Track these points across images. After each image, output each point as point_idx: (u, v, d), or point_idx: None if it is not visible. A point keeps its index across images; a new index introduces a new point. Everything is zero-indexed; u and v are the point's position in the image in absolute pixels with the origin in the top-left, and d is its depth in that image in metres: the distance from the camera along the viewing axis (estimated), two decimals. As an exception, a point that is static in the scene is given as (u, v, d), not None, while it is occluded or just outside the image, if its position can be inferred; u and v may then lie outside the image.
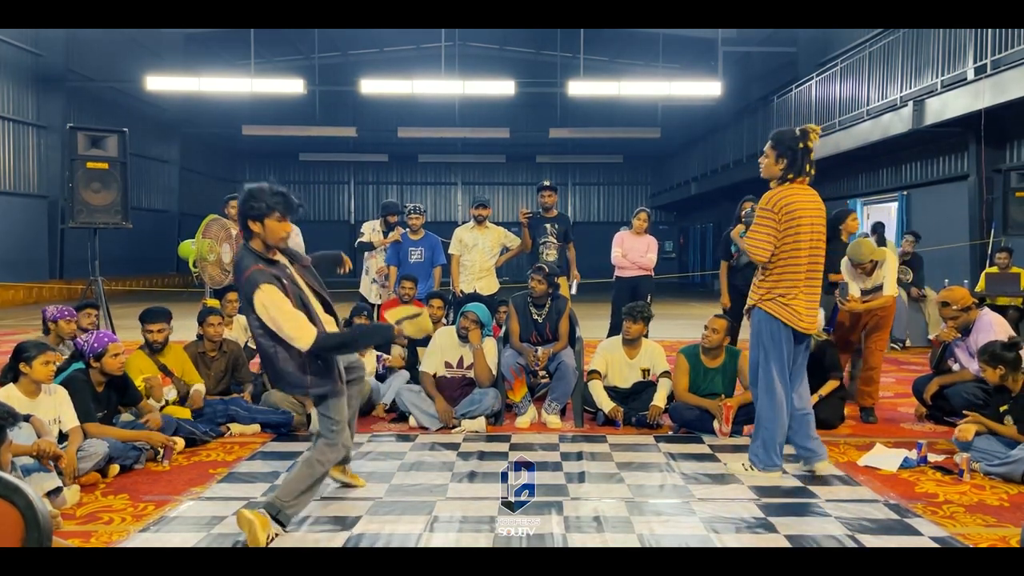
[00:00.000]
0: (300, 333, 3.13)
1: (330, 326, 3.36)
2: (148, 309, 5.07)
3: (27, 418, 3.65)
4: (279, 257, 3.31)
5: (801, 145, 3.82)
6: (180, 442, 4.48)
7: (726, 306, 6.31)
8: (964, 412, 4.36)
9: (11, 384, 3.88)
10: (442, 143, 26.96)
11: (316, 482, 3.33)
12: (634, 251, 7.19)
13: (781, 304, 3.85)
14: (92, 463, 3.85)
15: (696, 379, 5.07)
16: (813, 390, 4.57)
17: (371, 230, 7.45)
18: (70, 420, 3.95)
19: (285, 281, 3.19)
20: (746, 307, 4.08)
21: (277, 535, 3.17)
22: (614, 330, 7.11)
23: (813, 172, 3.89)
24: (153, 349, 4.99)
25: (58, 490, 3.54)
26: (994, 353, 4.27)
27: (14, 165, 17.03)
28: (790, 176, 3.86)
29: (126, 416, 4.51)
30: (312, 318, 3.20)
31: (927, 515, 3.48)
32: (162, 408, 4.74)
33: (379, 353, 5.87)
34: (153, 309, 5.06)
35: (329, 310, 3.43)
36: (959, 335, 5.12)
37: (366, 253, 7.43)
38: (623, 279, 7.25)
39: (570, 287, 6.87)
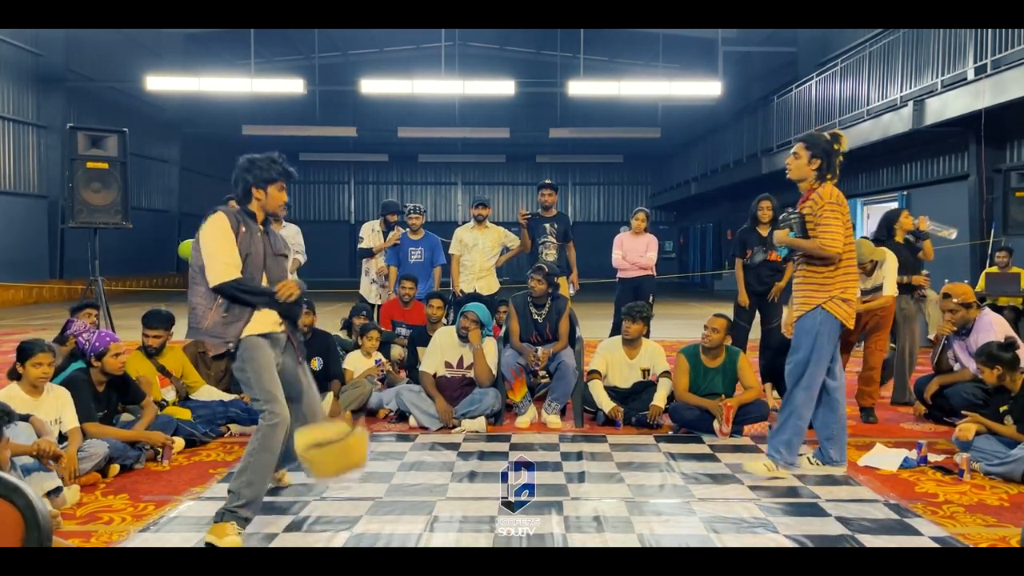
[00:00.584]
0: (217, 265, 3.07)
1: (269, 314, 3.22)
2: (151, 312, 5.05)
3: (27, 418, 3.65)
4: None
5: (836, 147, 3.94)
6: (180, 442, 4.48)
7: (745, 305, 6.28)
8: (963, 412, 4.36)
9: (15, 383, 3.89)
10: (442, 143, 26.97)
11: (265, 474, 3.16)
12: (633, 251, 7.19)
13: (840, 303, 3.92)
14: (92, 463, 3.85)
15: (696, 379, 5.06)
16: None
17: (371, 231, 7.44)
18: (71, 420, 3.95)
19: (244, 229, 3.16)
20: (800, 311, 4.00)
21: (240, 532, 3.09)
22: (616, 331, 7.11)
23: (837, 175, 4.00)
24: (149, 353, 4.99)
25: (58, 490, 3.54)
26: (991, 354, 4.26)
27: (14, 165, 17.04)
28: (828, 176, 3.95)
29: (126, 416, 4.51)
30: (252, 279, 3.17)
31: (927, 515, 3.48)
32: (163, 409, 4.74)
33: (379, 357, 5.86)
34: (156, 314, 5.03)
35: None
36: (955, 328, 5.12)
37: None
38: (625, 280, 7.25)
39: (569, 288, 6.86)
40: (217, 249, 3.12)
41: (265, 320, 3.21)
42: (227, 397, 5.19)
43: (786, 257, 4.29)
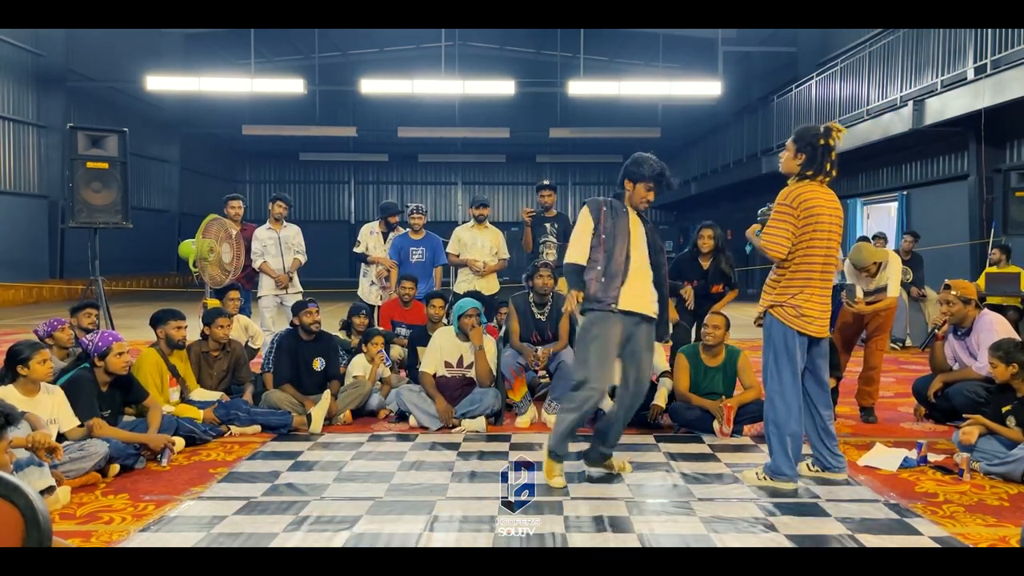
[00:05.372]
0: (571, 250, 3.81)
1: (641, 276, 3.81)
2: (165, 309, 5.17)
3: (23, 414, 3.65)
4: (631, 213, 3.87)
5: (822, 142, 3.71)
6: (180, 442, 4.48)
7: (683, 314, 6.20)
8: (964, 416, 4.35)
9: (10, 385, 3.88)
10: (442, 143, 26.99)
11: (569, 430, 3.81)
12: None
13: (792, 309, 3.74)
14: (92, 463, 3.85)
15: (696, 378, 5.06)
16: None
17: (368, 233, 7.43)
18: (67, 422, 3.96)
19: (612, 218, 3.79)
20: (758, 312, 3.91)
21: None
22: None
23: (834, 173, 3.77)
24: (179, 346, 5.05)
25: (51, 489, 3.53)
26: (1009, 351, 4.21)
27: (14, 165, 17.05)
28: (808, 173, 3.74)
29: (127, 417, 4.51)
30: (610, 254, 3.75)
31: (927, 515, 3.48)
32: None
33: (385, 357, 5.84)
34: (170, 309, 5.16)
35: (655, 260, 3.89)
36: (947, 319, 5.12)
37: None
38: None
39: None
40: (574, 237, 3.84)
41: (634, 300, 3.78)
42: (215, 396, 5.19)
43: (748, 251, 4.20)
